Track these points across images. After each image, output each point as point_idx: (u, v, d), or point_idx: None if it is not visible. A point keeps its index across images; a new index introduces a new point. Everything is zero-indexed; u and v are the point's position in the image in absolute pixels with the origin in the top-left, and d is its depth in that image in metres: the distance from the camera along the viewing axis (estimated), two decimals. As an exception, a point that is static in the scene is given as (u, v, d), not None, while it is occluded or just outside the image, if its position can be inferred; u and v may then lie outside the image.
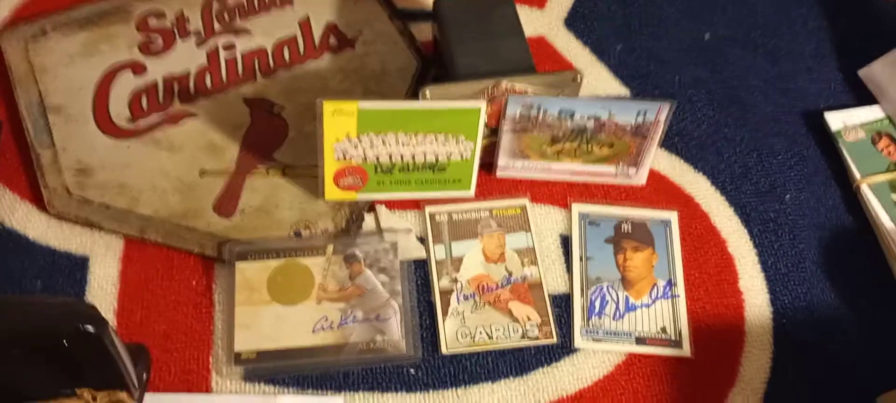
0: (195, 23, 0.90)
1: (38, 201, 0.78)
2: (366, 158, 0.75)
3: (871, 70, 0.93)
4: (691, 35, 0.97)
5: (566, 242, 0.79)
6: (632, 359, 0.73)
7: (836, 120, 0.89)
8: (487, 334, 0.73)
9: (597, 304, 0.76)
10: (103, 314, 0.65)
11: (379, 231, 0.78)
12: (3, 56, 0.86)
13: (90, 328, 0.56)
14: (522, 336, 0.73)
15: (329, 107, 0.71)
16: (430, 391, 0.71)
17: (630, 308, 0.75)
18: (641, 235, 0.80)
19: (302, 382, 0.70)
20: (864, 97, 0.92)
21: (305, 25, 0.91)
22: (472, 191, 0.80)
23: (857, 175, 0.85)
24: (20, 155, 0.81)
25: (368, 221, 0.79)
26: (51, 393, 0.59)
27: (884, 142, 0.88)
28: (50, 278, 0.74)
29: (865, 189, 0.84)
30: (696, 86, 0.92)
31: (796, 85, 0.93)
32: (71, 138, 0.81)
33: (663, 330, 0.75)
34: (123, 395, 0.59)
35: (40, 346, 0.57)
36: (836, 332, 0.77)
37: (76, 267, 0.75)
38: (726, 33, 0.97)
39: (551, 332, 0.74)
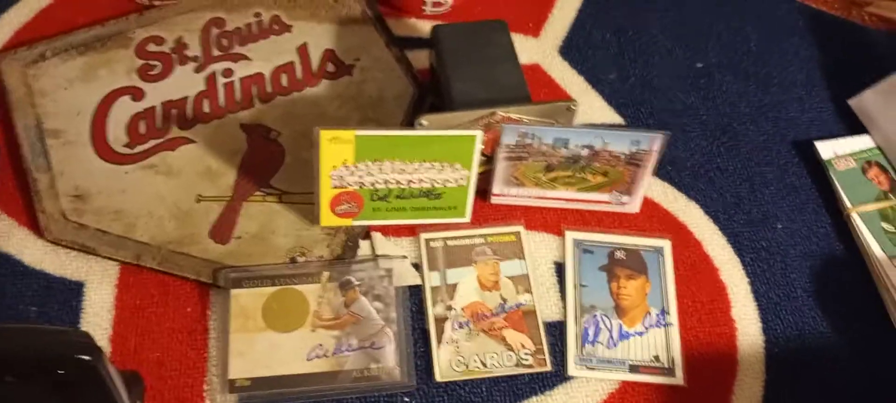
0: (194, 48, 0.91)
1: (35, 226, 0.78)
2: (362, 185, 0.76)
3: (862, 99, 0.94)
4: (684, 63, 0.98)
5: (560, 269, 0.80)
6: (625, 387, 0.73)
7: (826, 149, 0.90)
8: (482, 362, 0.73)
9: (591, 332, 0.76)
10: (98, 340, 0.65)
11: (374, 257, 0.79)
12: (2, 79, 0.87)
13: (85, 357, 0.57)
14: (516, 364, 0.74)
15: (326, 135, 0.71)
16: (425, 419, 0.71)
17: (624, 336, 0.76)
18: (635, 263, 0.80)
19: (296, 410, 0.70)
20: (855, 126, 0.93)
21: (303, 52, 0.92)
22: (467, 218, 0.81)
23: (848, 204, 0.86)
24: (17, 179, 0.81)
25: (364, 247, 0.80)
26: (45, 422, 0.59)
27: (874, 172, 0.89)
28: (45, 304, 0.74)
29: (856, 217, 0.85)
30: (689, 114, 0.93)
31: (787, 114, 0.95)
32: (68, 163, 0.81)
33: (657, 358, 0.75)
34: (118, 424, 0.59)
35: (35, 374, 0.57)
36: (828, 360, 0.77)
37: (72, 293, 0.75)
38: (718, 62, 0.98)
39: (545, 360, 0.74)
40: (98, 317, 0.74)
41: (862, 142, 0.91)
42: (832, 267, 0.83)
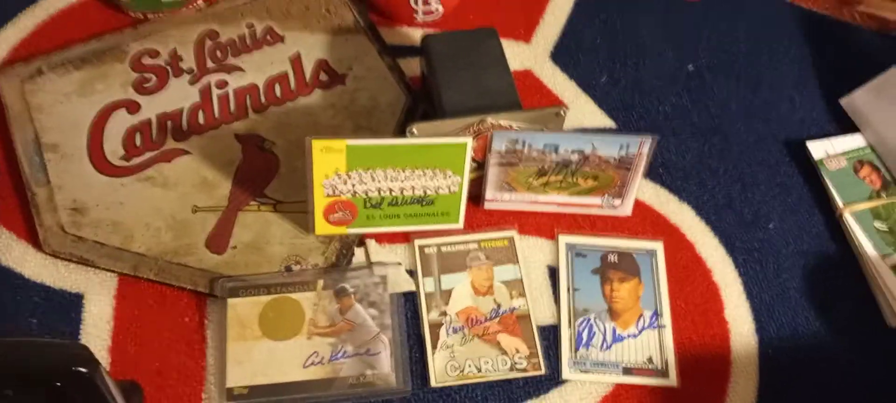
0: (188, 61, 0.92)
1: (34, 239, 0.79)
2: (355, 193, 0.77)
3: (853, 99, 0.95)
4: (675, 65, 0.98)
5: (553, 273, 0.81)
6: (619, 390, 0.74)
7: (818, 148, 0.90)
8: (476, 367, 0.74)
9: (584, 335, 0.77)
10: (97, 351, 0.67)
11: (369, 264, 0.80)
12: (0, 95, 0.88)
13: (83, 369, 0.58)
14: (511, 368, 0.74)
15: (318, 145, 0.72)
16: (420, 424, 0.72)
17: (617, 338, 0.77)
18: (627, 266, 0.81)
19: (293, 417, 0.71)
20: (846, 125, 0.94)
21: (296, 62, 0.93)
22: (460, 224, 0.81)
23: (840, 203, 0.86)
24: (16, 193, 0.82)
25: (358, 255, 0.80)
26: (44, 434, 0.60)
27: (866, 170, 0.89)
28: (45, 316, 0.75)
29: (848, 217, 0.85)
30: (680, 116, 0.94)
31: (778, 114, 0.95)
32: (66, 176, 0.82)
33: (650, 360, 0.76)
34: (115, 435, 0.60)
35: (34, 387, 0.58)
36: (821, 360, 0.78)
37: (71, 304, 0.76)
38: (709, 63, 0.99)
39: (539, 364, 0.75)
40: (97, 328, 0.75)
41: (853, 142, 0.91)
42: (825, 267, 0.83)
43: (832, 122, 0.94)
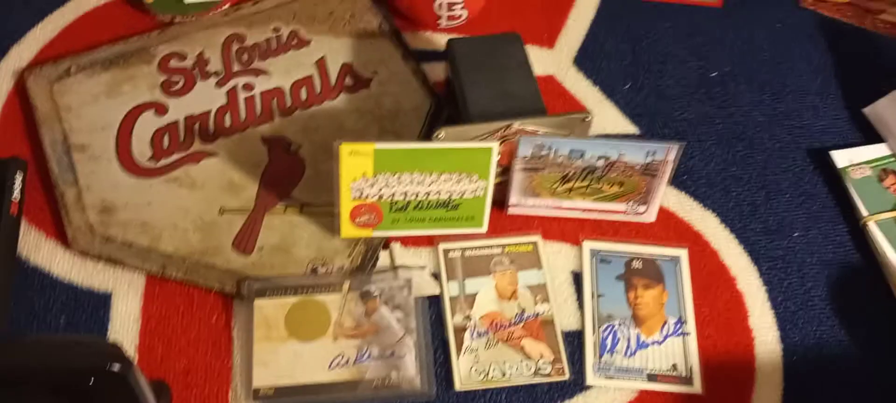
0: (215, 63, 0.92)
1: (62, 238, 0.80)
2: (381, 197, 0.77)
3: (877, 108, 0.94)
4: (698, 73, 0.99)
5: (578, 279, 0.81)
6: (643, 396, 0.74)
7: (842, 157, 0.90)
8: (501, 371, 0.74)
9: (609, 341, 0.77)
10: (125, 350, 0.67)
11: (394, 268, 0.80)
12: (29, 95, 0.89)
13: (116, 367, 0.58)
14: (535, 373, 0.74)
15: (346, 149, 0.73)
16: (445, 427, 0.72)
17: (641, 345, 0.77)
18: (652, 272, 0.81)
19: (319, 418, 0.72)
20: (870, 134, 0.93)
21: (322, 65, 0.93)
22: (484, 228, 0.82)
23: (864, 212, 0.86)
24: (45, 193, 0.83)
25: (383, 258, 0.81)
26: (76, 431, 0.61)
27: (890, 180, 0.89)
28: (73, 314, 0.76)
29: (872, 226, 0.85)
30: (704, 123, 0.94)
31: (802, 122, 0.95)
32: (94, 177, 0.83)
33: (674, 367, 0.76)
34: (148, 433, 0.61)
35: (66, 385, 0.59)
36: (846, 369, 0.77)
37: (99, 303, 0.77)
38: (732, 71, 0.99)
39: (563, 369, 0.75)
40: (125, 328, 0.75)
41: (877, 151, 0.91)
42: (849, 276, 0.83)
43: (856, 131, 0.94)
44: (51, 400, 0.59)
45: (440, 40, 0.97)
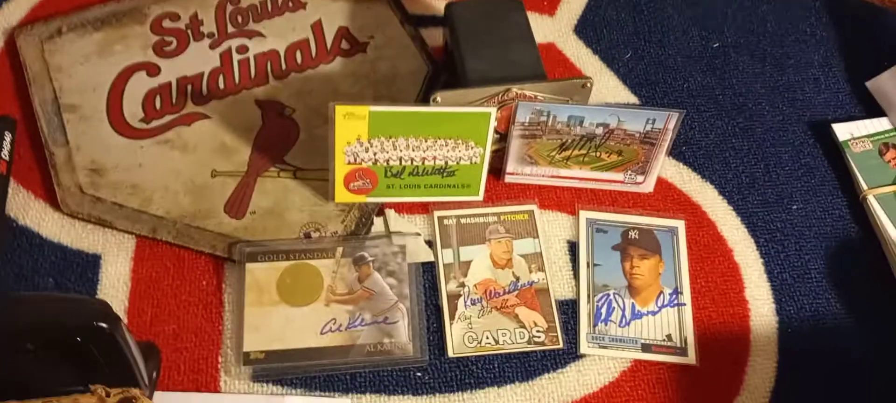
0: (209, 25, 0.91)
1: (52, 199, 0.79)
2: (376, 162, 0.76)
3: (879, 81, 0.93)
4: (700, 43, 0.97)
5: (573, 248, 0.80)
6: (637, 366, 0.74)
7: (843, 130, 0.89)
8: (494, 339, 0.74)
9: (603, 311, 0.76)
10: (112, 308, 0.66)
11: (388, 234, 0.79)
12: (20, 54, 0.87)
13: (104, 325, 0.57)
14: (529, 341, 0.74)
15: (341, 111, 0.72)
16: (437, 394, 0.71)
17: (636, 315, 0.76)
18: (648, 243, 0.80)
19: (309, 383, 0.71)
20: (872, 108, 0.92)
21: (317, 29, 0.92)
22: (480, 196, 0.81)
23: (864, 186, 0.85)
24: (34, 153, 0.82)
25: (378, 224, 0.80)
26: (65, 389, 0.60)
27: (891, 154, 0.88)
28: (62, 276, 0.75)
29: (872, 200, 0.84)
30: (704, 94, 0.93)
31: (803, 95, 0.94)
32: (85, 137, 0.82)
33: (669, 337, 0.75)
34: (137, 392, 0.60)
35: (55, 342, 0.58)
36: (842, 342, 0.77)
37: (88, 265, 0.76)
38: (734, 41, 0.98)
39: (558, 338, 0.74)
40: (114, 290, 0.74)
41: (879, 124, 0.90)
42: (847, 250, 0.82)
43: (858, 105, 0.93)
44: (42, 357, 0.58)
45: (439, 5, 0.96)
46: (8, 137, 0.81)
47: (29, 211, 0.79)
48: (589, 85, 0.77)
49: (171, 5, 0.92)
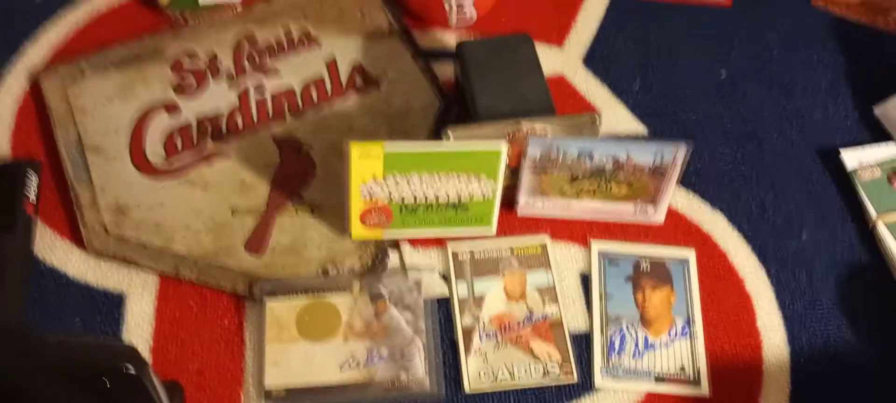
0: (226, 63, 0.93)
1: (77, 239, 0.81)
2: (391, 198, 0.78)
3: (887, 107, 0.94)
4: (707, 72, 0.98)
5: (586, 280, 0.81)
6: (651, 399, 0.75)
7: (851, 158, 0.90)
8: (509, 373, 0.75)
9: (616, 343, 0.77)
10: (140, 351, 0.68)
11: (403, 268, 0.81)
12: (44, 96, 0.90)
13: (132, 368, 0.59)
14: (544, 375, 0.75)
15: (356, 150, 0.73)
16: (454, 427, 0.73)
17: (649, 346, 0.77)
18: (660, 274, 0.82)
19: (330, 418, 0.72)
20: (880, 134, 0.93)
21: (332, 66, 0.94)
22: (493, 229, 0.82)
23: (874, 213, 0.86)
24: (60, 194, 0.84)
25: (393, 259, 0.81)
26: (93, 431, 0.62)
27: (900, 180, 0.89)
28: (88, 315, 0.77)
29: (881, 227, 0.85)
30: (713, 123, 0.94)
31: (812, 121, 0.95)
32: (109, 177, 0.84)
33: (682, 369, 0.76)
34: (163, 434, 0.62)
35: (82, 384, 0.60)
36: (854, 371, 0.78)
37: (113, 304, 0.78)
38: (742, 70, 0.99)
39: (572, 371, 0.75)
40: (139, 328, 0.76)
41: (888, 151, 0.91)
42: (858, 278, 0.83)
43: (866, 131, 0.94)
44: (70, 398, 0.60)
45: (449, 39, 0.98)
46: (34, 179, 0.83)
47: (55, 251, 0.81)
48: (598, 120, 0.78)
49: (190, 45, 0.94)
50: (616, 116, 0.94)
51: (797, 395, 0.75)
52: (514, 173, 0.81)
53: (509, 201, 0.84)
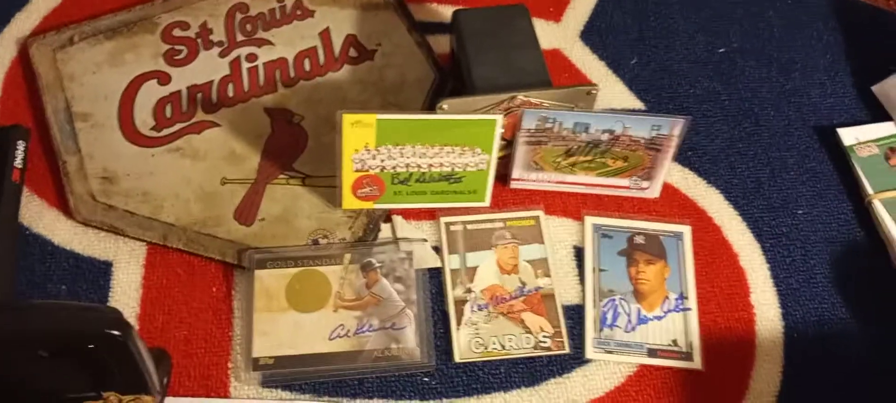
0: (218, 33, 0.92)
1: (64, 207, 0.80)
2: (383, 169, 0.77)
3: (885, 86, 0.93)
4: (706, 48, 0.97)
5: (579, 254, 0.80)
6: (643, 371, 0.74)
7: (849, 135, 0.89)
8: (501, 344, 0.74)
9: (609, 316, 0.77)
10: (125, 316, 0.67)
11: (395, 240, 0.80)
12: (32, 64, 0.89)
13: (117, 333, 0.59)
14: (535, 347, 0.74)
15: (349, 119, 0.72)
16: (444, 399, 0.72)
17: (642, 320, 0.76)
18: (654, 248, 0.81)
19: (318, 389, 0.72)
20: (878, 113, 0.92)
21: (326, 37, 0.93)
22: (487, 202, 0.81)
23: (870, 190, 0.85)
24: (47, 161, 0.83)
25: (385, 230, 0.81)
26: (77, 395, 0.61)
27: (897, 158, 0.88)
28: (74, 283, 0.76)
29: (877, 204, 0.84)
30: (710, 99, 0.93)
31: (809, 99, 0.94)
32: (97, 145, 0.83)
33: (675, 342, 0.75)
34: (148, 399, 0.61)
35: (68, 350, 0.59)
36: (847, 346, 0.77)
37: (100, 272, 0.77)
38: (740, 47, 0.98)
39: (563, 343, 0.75)
40: (126, 296, 0.76)
41: (885, 129, 0.90)
42: (853, 254, 0.83)
43: (864, 109, 0.93)
44: (55, 364, 0.59)
45: (446, 12, 0.97)
46: (21, 146, 0.82)
47: (42, 219, 0.80)
48: (594, 92, 0.77)
49: (181, 14, 0.93)
50: (613, 92, 0.93)
51: (790, 369, 0.75)
52: (508, 145, 0.80)
53: (503, 175, 0.83)
